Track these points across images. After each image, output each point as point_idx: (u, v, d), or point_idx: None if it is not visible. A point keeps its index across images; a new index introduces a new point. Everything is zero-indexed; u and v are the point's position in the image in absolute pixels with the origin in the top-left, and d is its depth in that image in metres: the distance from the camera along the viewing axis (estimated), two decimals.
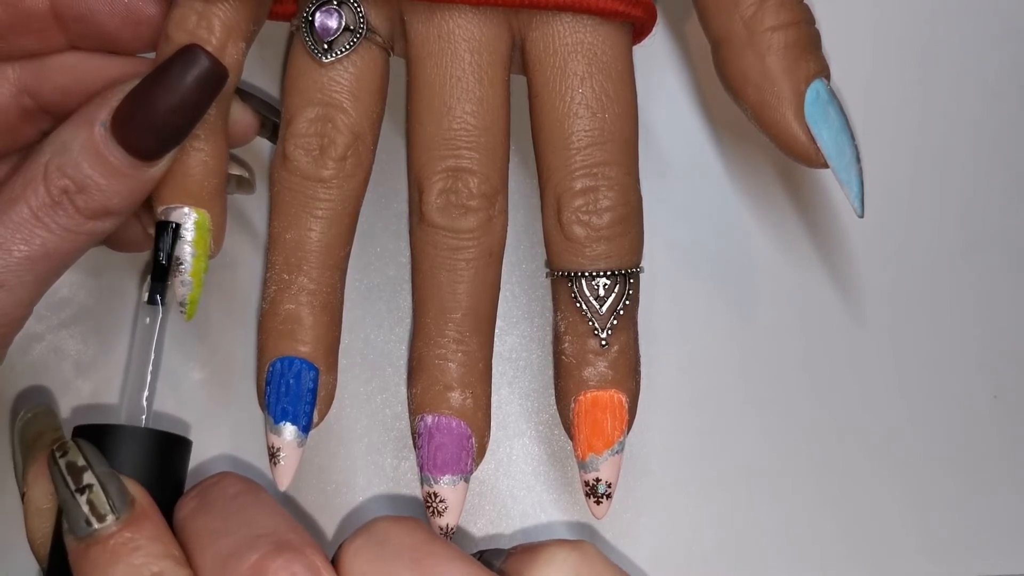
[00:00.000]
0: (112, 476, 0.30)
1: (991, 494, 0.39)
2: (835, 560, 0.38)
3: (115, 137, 0.30)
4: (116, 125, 0.30)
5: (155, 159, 0.31)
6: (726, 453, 0.39)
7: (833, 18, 0.37)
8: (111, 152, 0.30)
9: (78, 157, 0.30)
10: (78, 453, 0.31)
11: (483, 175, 0.33)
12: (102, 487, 0.30)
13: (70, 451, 0.31)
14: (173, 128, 0.31)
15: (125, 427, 0.33)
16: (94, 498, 0.30)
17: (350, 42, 0.33)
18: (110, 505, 0.30)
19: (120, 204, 0.31)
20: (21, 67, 0.34)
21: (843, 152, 0.33)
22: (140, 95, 0.30)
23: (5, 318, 0.30)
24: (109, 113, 0.31)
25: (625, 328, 0.34)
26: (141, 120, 0.30)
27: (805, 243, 0.39)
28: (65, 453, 0.31)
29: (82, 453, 0.31)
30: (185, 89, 0.30)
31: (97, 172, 0.30)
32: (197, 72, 0.30)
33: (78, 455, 0.30)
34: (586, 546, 0.30)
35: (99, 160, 0.30)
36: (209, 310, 0.38)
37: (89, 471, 0.30)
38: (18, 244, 0.30)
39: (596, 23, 0.33)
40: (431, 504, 0.34)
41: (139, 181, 0.31)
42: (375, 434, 0.38)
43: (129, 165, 0.31)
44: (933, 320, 0.40)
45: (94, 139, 0.30)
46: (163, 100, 0.30)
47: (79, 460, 0.30)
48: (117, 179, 0.31)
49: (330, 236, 0.34)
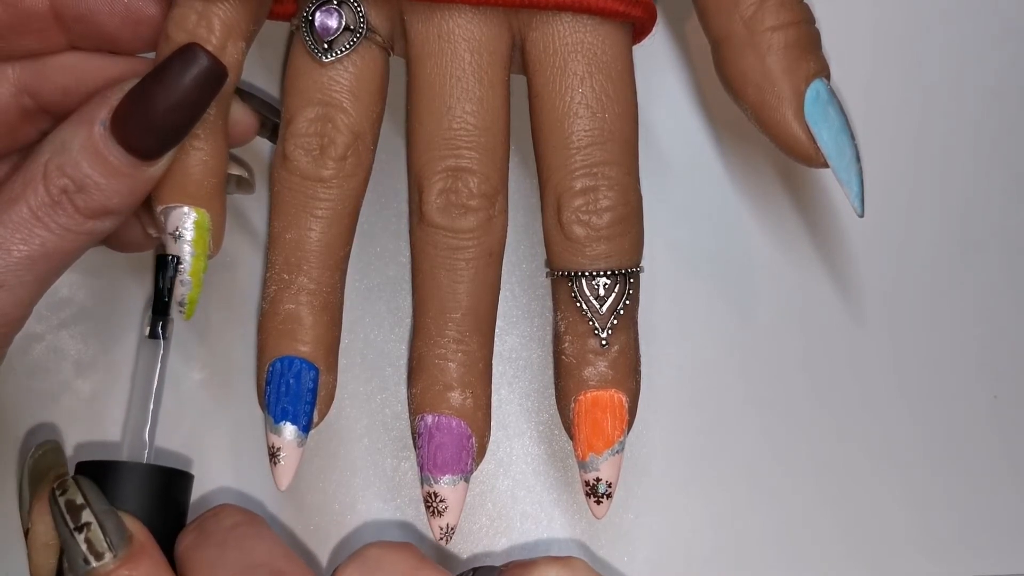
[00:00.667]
0: (110, 514, 0.31)
1: (991, 494, 0.39)
2: (835, 560, 0.38)
3: (114, 136, 0.30)
4: (115, 124, 0.30)
5: (154, 158, 0.31)
6: (726, 453, 0.39)
7: (833, 18, 0.37)
8: (110, 151, 0.30)
9: (77, 156, 0.30)
10: (77, 491, 0.31)
11: (483, 175, 0.33)
12: (100, 525, 0.30)
13: (69, 489, 0.31)
14: (172, 127, 0.31)
15: (128, 464, 0.33)
16: (92, 536, 0.30)
17: (350, 42, 0.33)
18: (107, 543, 0.30)
19: (120, 203, 0.31)
20: (21, 67, 0.34)
21: (843, 152, 0.33)
22: (139, 94, 0.30)
23: (5, 318, 0.30)
24: (109, 112, 0.30)
25: (625, 328, 0.34)
26: (140, 119, 0.30)
27: (805, 243, 0.39)
28: (65, 491, 0.31)
29: (81, 491, 0.31)
30: (184, 88, 0.30)
31: (96, 171, 0.30)
32: (196, 71, 0.30)
33: (77, 493, 0.31)
34: (576, 562, 0.31)
35: (98, 159, 0.30)
36: (209, 310, 0.38)
37: (87, 509, 0.30)
38: (17, 244, 0.30)
39: (596, 23, 0.33)
40: (431, 504, 0.34)
41: (139, 180, 0.31)
42: (375, 434, 0.38)
43: (128, 164, 0.31)
44: (933, 320, 0.40)
45: (93, 138, 0.30)
46: (162, 99, 0.30)
47: (78, 498, 0.31)
48: (116, 178, 0.31)
49: (330, 236, 0.34)
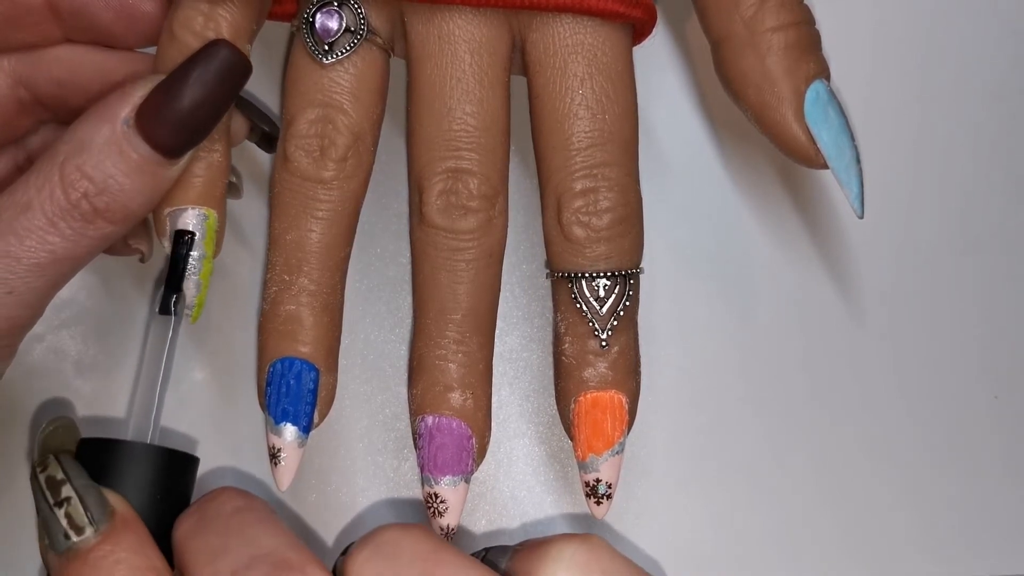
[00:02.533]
0: (91, 488, 0.30)
1: (991, 494, 0.39)
2: (835, 560, 0.38)
3: (140, 133, 0.30)
4: (141, 120, 0.30)
5: (179, 156, 0.31)
6: (726, 453, 0.39)
7: (833, 18, 0.37)
8: (135, 148, 0.30)
9: (100, 155, 0.30)
10: (57, 467, 0.30)
11: (483, 176, 0.33)
12: (80, 500, 0.29)
13: (50, 466, 0.30)
14: (200, 123, 0.30)
15: (132, 443, 0.32)
16: (72, 511, 0.29)
17: (350, 43, 0.33)
18: (88, 517, 0.29)
19: (140, 205, 0.31)
20: (17, 59, 0.34)
21: (843, 153, 0.33)
22: (167, 89, 0.30)
23: (14, 321, 0.30)
24: (132, 109, 0.30)
25: (625, 329, 0.34)
26: (168, 115, 0.30)
27: (805, 243, 0.39)
28: (45, 468, 0.30)
29: (61, 467, 0.30)
30: (212, 83, 0.30)
31: (120, 170, 0.30)
32: (224, 66, 0.30)
33: (57, 469, 0.30)
34: (594, 539, 0.29)
35: (122, 157, 0.30)
36: (210, 311, 0.38)
37: (68, 484, 0.29)
38: (28, 252, 0.29)
39: (596, 24, 0.33)
40: (432, 504, 0.34)
41: (160, 179, 0.31)
42: (375, 434, 0.38)
43: (153, 162, 0.30)
44: (933, 320, 0.40)
45: (117, 135, 0.30)
46: (190, 94, 0.30)
47: (58, 474, 0.30)
48: (140, 177, 0.30)
49: (330, 237, 0.34)
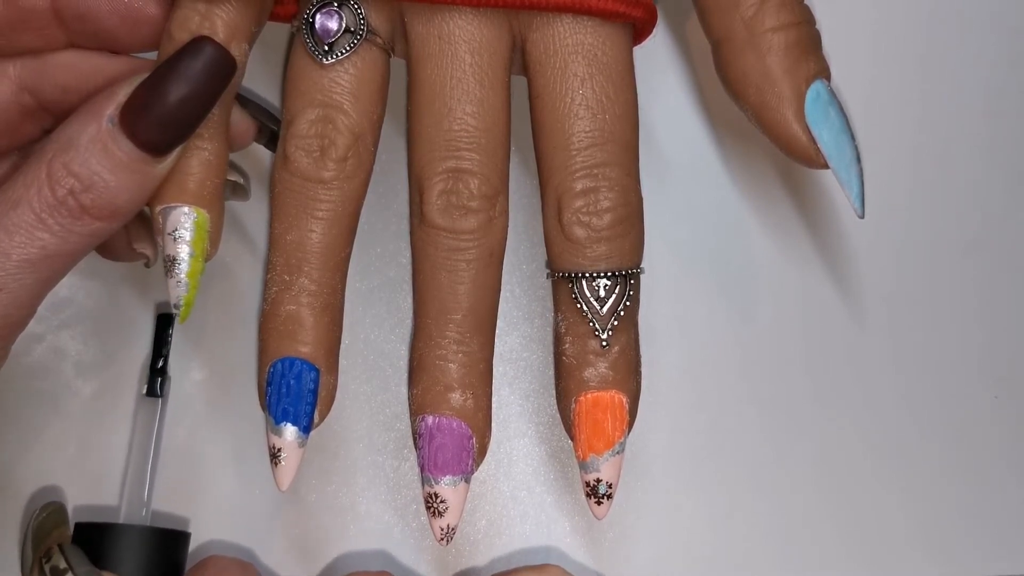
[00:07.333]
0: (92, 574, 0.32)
1: (991, 494, 0.39)
2: (835, 560, 0.38)
3: (124, 130, 0.30)
4: (125, 118, 0.30)
5: (164, 153, 0.31)
6: (727, 453, 0.39)
7: (833, 18, 0.37)
8: (120, 146, 0.30)
9: (85, 152, 0.30)
10: (60, 557, 0.32)
11: (483, 176, 0.33)
12: None
13: (53, 556, 0.32)
14: (183, 120, 0.30)
15: (126, 526, 0.35)
16: None
17: (350, 43, 0.33)
18: None
19: (127, 201, 0.31)
20: (21, 64, 0.34)
21: (843, 153, 0.33)
22: (150, 87, 0.30)
23: (6, 319, 0.30)
24: (116, 108, 0.30)
25: (626, 329, 0.34)
26: (151, 112, 0.30)
27: (805, 243, 0.39)
28: (50, 559, 0.32)
29: (64, 556, 0.32)
30: (195, 79, 0.30)
31: (105, 167, 0.30)
32: (206, 62, 0.30)
33: (60, 559, 0.32)
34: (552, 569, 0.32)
35: (107, 155, 0.30)
36: (209, 311, 0.38)
37: (70, 573, 0.32)
38: (17, 248, 0.30)
39: (596, 24, 0.33)
40: (432, 504, 0.34)
41: (146, 177, 0.31)
42: (375, 434, 0.38)
43: (138, 159, 0.30)
44: (933, 320, 0.40)
45: (102, 133, 0.30)
46: (173, 91, 0.30)
47: (61, 563, 0.32)
48: (125, 174, 0.30)
49: (331, 237, 0.34)
